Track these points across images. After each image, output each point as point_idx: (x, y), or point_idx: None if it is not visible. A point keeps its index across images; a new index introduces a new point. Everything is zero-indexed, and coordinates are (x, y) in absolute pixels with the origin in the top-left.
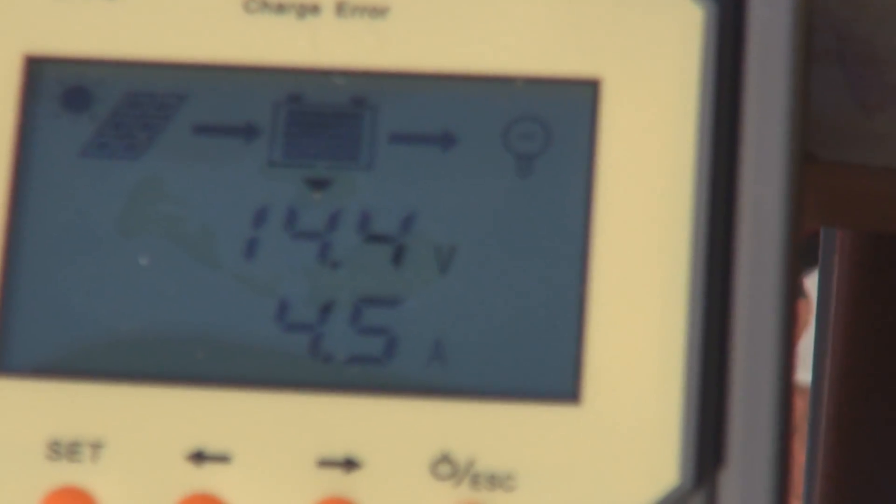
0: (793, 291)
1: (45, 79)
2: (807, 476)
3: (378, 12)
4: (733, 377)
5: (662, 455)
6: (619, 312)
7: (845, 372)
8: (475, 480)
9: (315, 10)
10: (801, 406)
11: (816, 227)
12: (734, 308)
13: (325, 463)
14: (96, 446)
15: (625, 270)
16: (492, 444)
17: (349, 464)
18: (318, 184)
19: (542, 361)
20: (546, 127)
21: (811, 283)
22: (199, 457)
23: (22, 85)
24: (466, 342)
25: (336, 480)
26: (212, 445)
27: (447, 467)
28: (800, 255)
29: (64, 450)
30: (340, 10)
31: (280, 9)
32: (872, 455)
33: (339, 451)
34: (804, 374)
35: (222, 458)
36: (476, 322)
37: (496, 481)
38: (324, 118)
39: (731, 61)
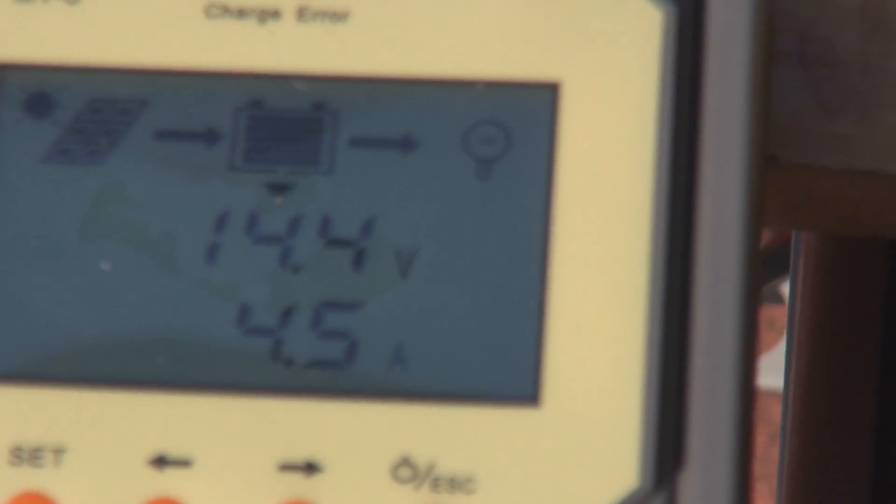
0: (753, 293)
1: (7, 84)
2: (779, 479)
3: (339, 17)
4: (693, 379)
5: (622, 457)
6: (578, 315)
7: (808, 374)
8: (436, 483)
9: (276, 14)
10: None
11: (781, 229)
12: (694, 310)
13: (287, 467)
14: (58, 451)
15: (584, 273)
16: (452, 447)
17: (310, 468)
18: (279, 188)
19: (502, 364)
20: (506, 130)
21: (783, 290)
22: (160, 461)
23: None
24: (427, 345)
25: (297, 484)
26: (173, 450)
27: (408, 470)
28: (775, 261)
29: (26, 455)
30: (301, 14)
31: (241, 14)
32: (834, 457)
33: (300, 455)
34: (777, 379)
35: (184, 463)
36: (436, 325)
37: (456, 484)
38: (285, 123)
39: (691, 63)
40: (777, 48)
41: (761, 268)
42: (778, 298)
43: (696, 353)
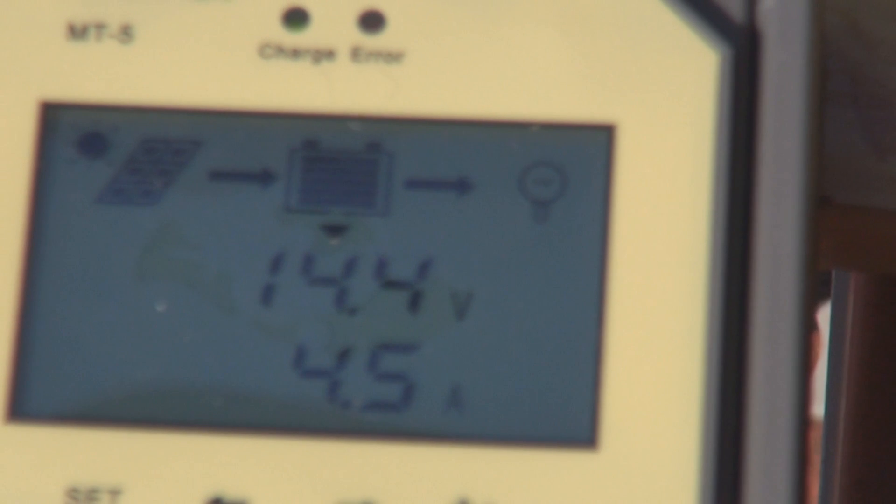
0: (808, 335)
1: (61, 124)
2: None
3: (394, 57)
4: (750, 422)
5: (680, 499)
6: (636, 358)
7: (861, 414)
8: None
9: (330, 55)
10: (814, 437)
11: (830, 268)
12: (751, 353)
13: None
14: (115, 493)
15: (642, 315)
16: (510, 491)
17: None
18: (335, 230)
19: (559, 407)
20: (562, 172)
21: (822, 315)
22: (217, 503)
23: (38, 131)
24: (483, 388)
25: None
26: (230, 492)
27: None
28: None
29: (82, 497)
30: (356, 55)
31: (295, 54)
32: (888, 495)
33: (357, 497)
34: (816, 406)
35: None
36: (493, 368)
37: None
38: (340, 164)
39: (747, 105)
40: (829, 89)
41: (818, 289)
42: (813, 325)
43: (753, 397)
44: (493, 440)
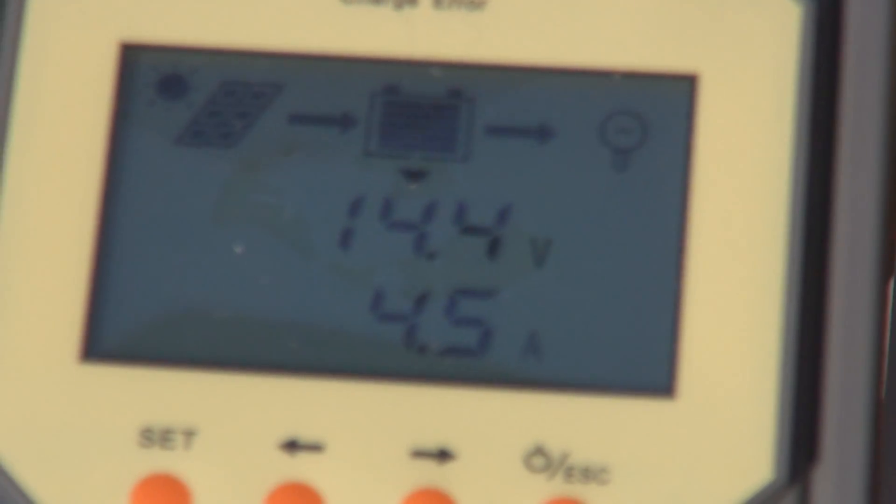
0: (886, 287)
1: (141, 66)
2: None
3: (475, 5)
4: (827, 373)
5: (756, 451)
6: (714, 307)
7: None
8: (569, 473)
9: (412, 1)
10: None
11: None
12: (829, 303)
13: (419, 454)
14: (189, 433)
15: (720, 266)
16: (586, 437)
17: (443, 455)
18: (415, 175)
19: (637, 355)
20: (643, 121)
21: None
22: (292, 445)
23: (117, 72)
24: (561, 335)
25: (429, 471)
26: (305, 434)
27: (541, 460)
28: None
29: (157, 437)
30: (438, 1)
31: (377, 0)
32: None
33: (432, 442)
34: None
35: (316, 448)
36: (571, 315)
37: (590, 474)
38: (420, 110)
39: (828, 58)
40: None
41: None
42: None
43: (830, 347)
44: (570, 387)
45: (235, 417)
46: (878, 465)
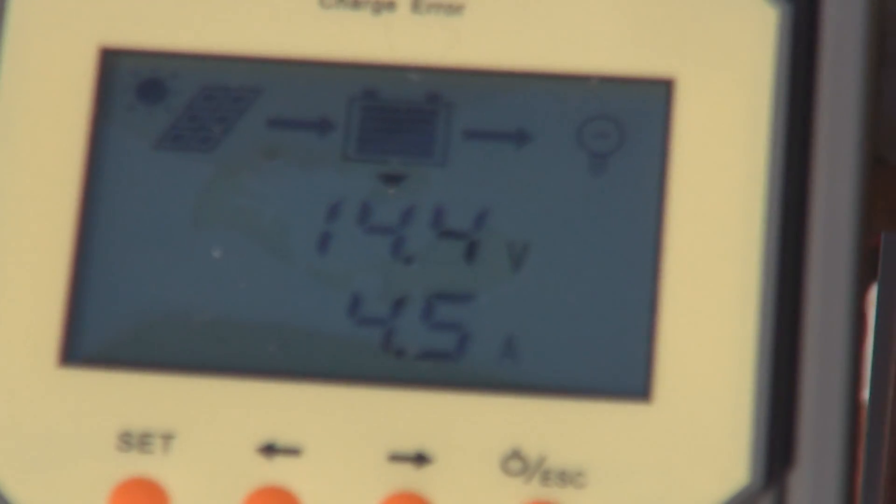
0: (862, 292)
1: (120, 71)
2: (865, 488)
3: (453, 9)
4: (804, 376)
5: (733, 454)
6: (690, 311)
7: None
8: (546, 477)
9: (391, 6)
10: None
11: (881, 230)
12: (805, 308)
13: (396, 457)
14: (167, 437)
15: (697, 269)
16: (563, 441)
17: (420, 458)
18: (393, 179)
19: (613, 359)
20: (620, 125)
21: (868, 299)
22: (269, 449)
23: (97, 77)
24: (538, 339)
25: (407, 475)
26: (283, 438)
27: (518, 463)
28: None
29: (135, 441)
30: (416, 6)
31: (356, 5)
32: None
33: (410, 445)
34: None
35: (293, 451)
36: (548, 319)
37: (567, 478)
38: (398, 114)
39: (804, 62)
40: (886, 51)
41: (866, 268)
42: None
43: (807, 350)
44: (547, 390)
45: (213, 421)
46: (855, 470)
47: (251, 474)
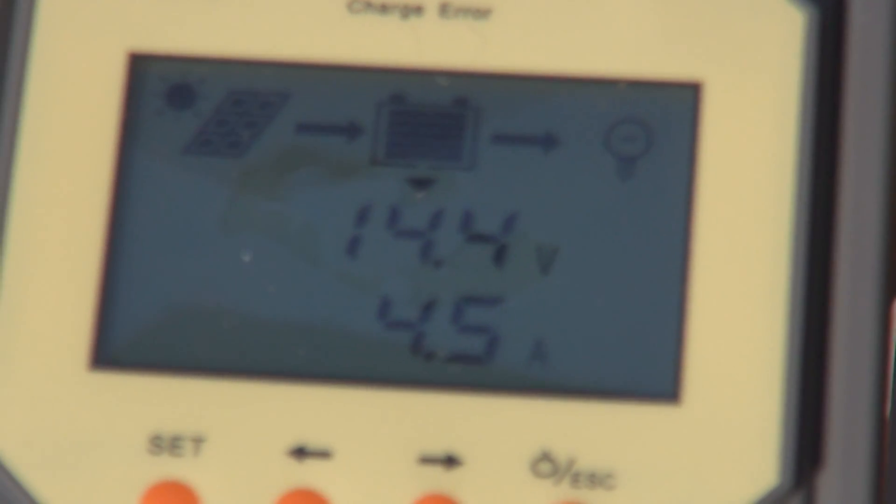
0: (889, 298)
1: (150, 76)
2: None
3: (481, 13)
4: (832, 378)
5: (762, 455)
6: (719, 313)
7: None
8: (575, 479)
9: (418, 10)
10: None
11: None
12: (833, 310)
13: (426, 460)
14: (198, 440)
15: (725, 272)
16: (592, 443)
17: (450, 461)
18: (421, 183)
19: (642, 361)
20: (648, 129)
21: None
22: (300, 452)
23: (126, 82)
24: (567, 341)
25: (437, 477)
26: (313, 441)
27: (548, 465)
28: None
29: (166, 444)
30: (444, 10)
31: (384, 9)
32: None
33: (439, 448)
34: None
35: (323, 454)
36: (577, 321)
37: (596, 480)
38: (426, 118)
39: (832, 65)
40: None
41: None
42: None
43: (835, 353)
44: (576, 393)
45: (244, 424)
46: (883, 471)
47: (282, 477)
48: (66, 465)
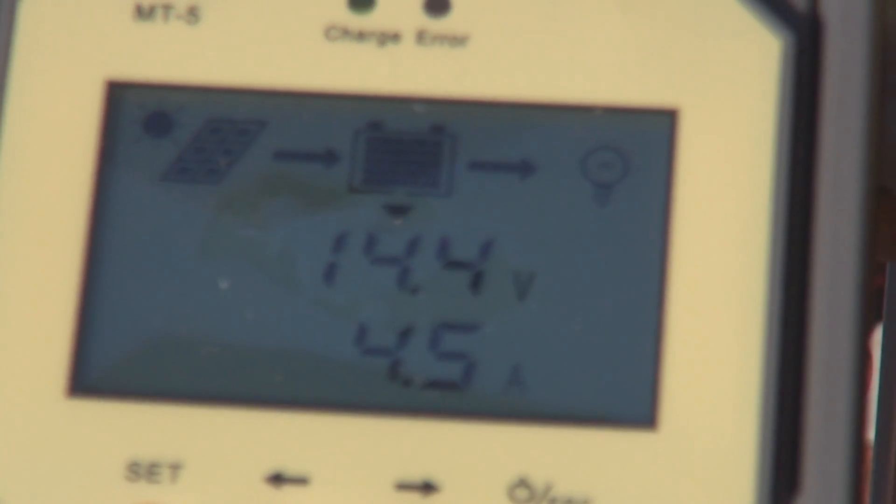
0: (866, 323)
1: (127, 104)
2: None
3: (458, 41)
4: (809, 404)
5: (738, 481)
6: (696, 339)
7: None
8: None
9: (395, 38)
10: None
11: (886, 261)
12: (810, 335)
13: (403, 486)
14: (175, 467)
15: (702, 298)
16: (569, 469)
17: (427, 487)
18: (398, 210)
19: (619, 387)
20: (624, 156)
21: (874, 341)
22: (277, 479)
23: (103, 110)
24: (544, 367)
25: (414, 503)
26: (290, 467)
27: (525, 491)
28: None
29: (143, 470)
30: (421, 38)
31: (361, 37)
32: None
33: (417, 474)
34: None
35: (301, 481)
36: (554, 348)
37: None
38: (404, 145)
39: (808, 93)
40: (888, 82)
41: (870, 299)
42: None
43: (812, 378)
44: (553, 419)
45: (221, 451)
46: (860, 498)
47: (259, 503)
48: (44, 491)
